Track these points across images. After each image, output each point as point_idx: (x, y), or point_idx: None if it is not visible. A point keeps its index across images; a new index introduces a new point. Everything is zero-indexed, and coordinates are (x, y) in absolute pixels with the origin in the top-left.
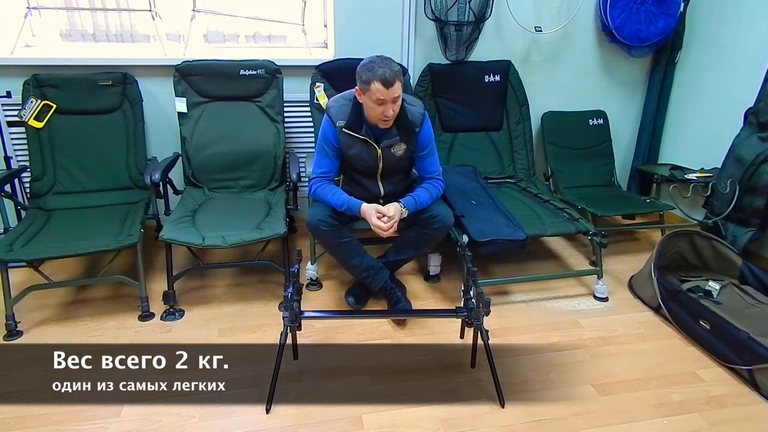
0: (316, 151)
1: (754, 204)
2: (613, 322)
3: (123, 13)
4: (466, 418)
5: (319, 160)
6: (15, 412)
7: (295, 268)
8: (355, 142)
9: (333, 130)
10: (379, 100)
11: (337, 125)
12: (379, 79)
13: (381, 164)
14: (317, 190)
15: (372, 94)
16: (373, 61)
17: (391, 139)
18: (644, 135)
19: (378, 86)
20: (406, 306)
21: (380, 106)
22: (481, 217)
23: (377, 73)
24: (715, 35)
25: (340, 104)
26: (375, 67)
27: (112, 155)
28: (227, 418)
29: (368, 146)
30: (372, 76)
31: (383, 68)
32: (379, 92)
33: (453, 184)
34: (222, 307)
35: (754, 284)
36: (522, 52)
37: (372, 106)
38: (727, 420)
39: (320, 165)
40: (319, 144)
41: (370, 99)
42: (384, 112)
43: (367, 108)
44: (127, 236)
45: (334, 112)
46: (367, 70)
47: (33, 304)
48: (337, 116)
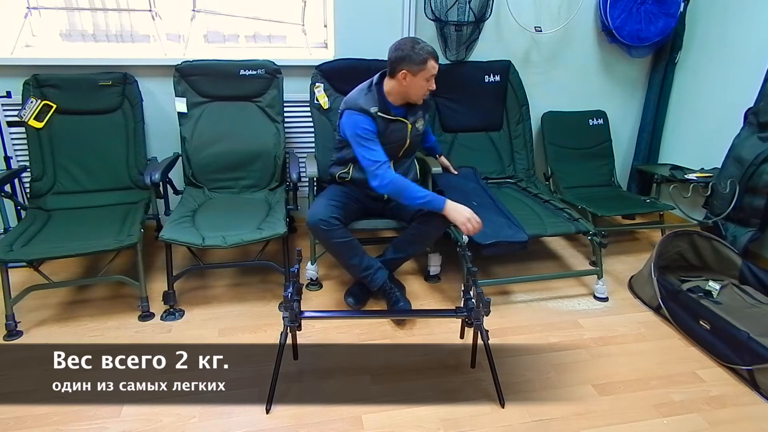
0: (359, 144)
1: (754, 204)
2: (613, 322)
3: (123, 13)
4: (466, 418)
5: (373, 150)
6: (15, 412)
7: (295, 268)
8: (388, 124)
9: (368, 119)
10: (431, 76)
11: (371, 111)
12: (434, 56)
13: (408, 140)
14: (395, 180)
15: (428, 71)
16: (416, 42)
17: (415, 115)
18: (644, 135)
19: (433, 63)
20: (406, 306)
21: (428, 81)
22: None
23: (430, 51)
24: (715, 35)
25: (363, 95)
26: (424, 46)
27: (112, 155)
28: (227, 418)
29: (400, 125)
30: (427, 55)
31: (428, 45)
32: (433, 68)
33: (453, 185)
34: (222, 307)
35: (754, 284)
36: (522, 52)
37: (422, 84)
38: (727, 420)
39: (377, 154)
40: (362, 137)
41: (422, 77)
42: (430, 87)
43: (415, 87)
44: (127, 236)
45: (362, 103)
46: (419, 50)
47: (33, 304)
48: (367, 105)
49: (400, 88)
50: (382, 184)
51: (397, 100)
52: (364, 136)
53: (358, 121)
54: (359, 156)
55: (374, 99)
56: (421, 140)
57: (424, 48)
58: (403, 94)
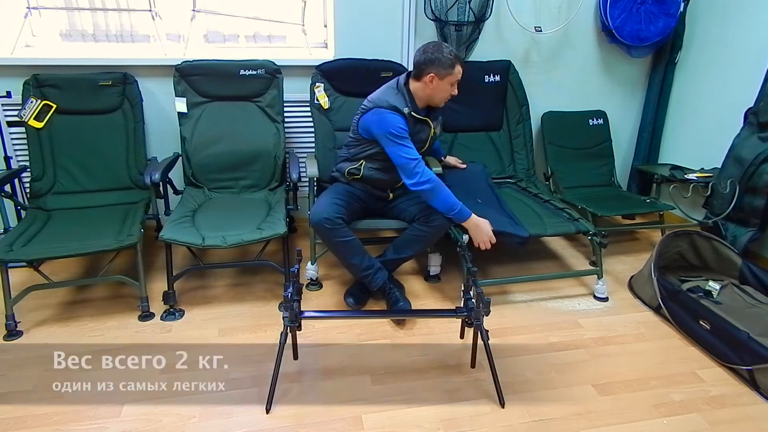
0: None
1: (754, 204)
2: (613, 322)
3: (123, 13)
4: (466, 418)
5: (409, 148)
6: (15, 412)
7: (295, 268)
8: (416, 125)
9: (402, 119)
10: (456, 81)
11: (404, 111)
12: (460, 61)
13: (428, 143)
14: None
15: (454, 76)
16: (444, 46)
17: (437, 119)
18: (644, 135)
19: (459, 68)
20: (406, 306)
21: (453, 86)
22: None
23: (457, 56)
24: (715, 35)
25: (393, 94)
26: (452, 50)
27: (112, 155)
28: (227, 418)
29: (424, 127)
30: (455, 60)
31: (454, 50)
32: (459, 73)
33: (460, 181)
34: (222, 307)
35: (754, 284)
36: (522, 52)
37: (446, 88)
38: (727, 420)
39: (413, 152)
40: (397, 135)
41: (448, 82)
42: (453, 91)
43: (440, 90)
44: (127, 236)
45: (395, 101)
46: (447, 54)
47: (33, 304)
48: (400, 105)
49: (425, 91)
50: (420, 181)
51: (421, 102)
52: (400, 135)
53: (392, 120)
54: (394, 155)
55: (405, 99)
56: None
57: (452, 52)
58: (427, 97)
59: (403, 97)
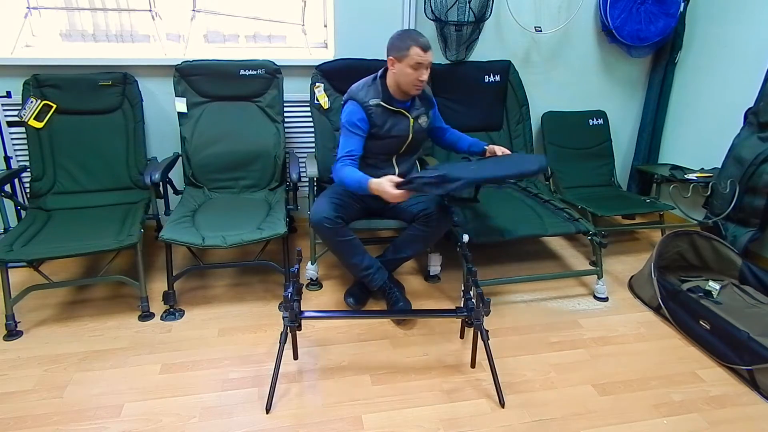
0: (341, 135)
1: (754, 204)
2: (613, 322)
3: (123, 13)
4: (466, 418)
5: (345, 142)
6: (15, 412)
7: (295, 268)
8: (390, 116)
9: (362, 113)
10: (417, 64)
11: (371, 103)
12: (418, 44)
13: (411, 135)
14: (338, 171)
15: (411, 59)
16: (407, 31)
17: (419, 110)
18: (644, 135)
19: (417, 50)
20: (406, 306)
21: (416, 71)
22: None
23: (416, 39)
24: (715, 35)
25: (365, 87)
26: (412, 35)
27: (112, 155)
28: (227, 418)
29: (401, 118)
30: (411, 42)
31: (419, 36)
32: (418, 56)
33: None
34: (222, 307)
35: (754, 284)
36: (522, 52)
37: (408, 71)
38: (727, 420)
39: (345, 146)
40: (344, 127)
41: (407, 65)
42: (419, 77)
43: (402, 75)
44: (127, 236)
45: (362, 95)
46: (404, 38)
47: (33, 304)
48: (368, 97)
49: (391, 77)
50: (333, 169)
51: (396, 92)
52: (350, 128)
53: (350, 111)
54: (340, 142)
55: (377, 91)
56: (424, 138)
57: (411, 36)
58: (396, 84)
59: (376, 89)
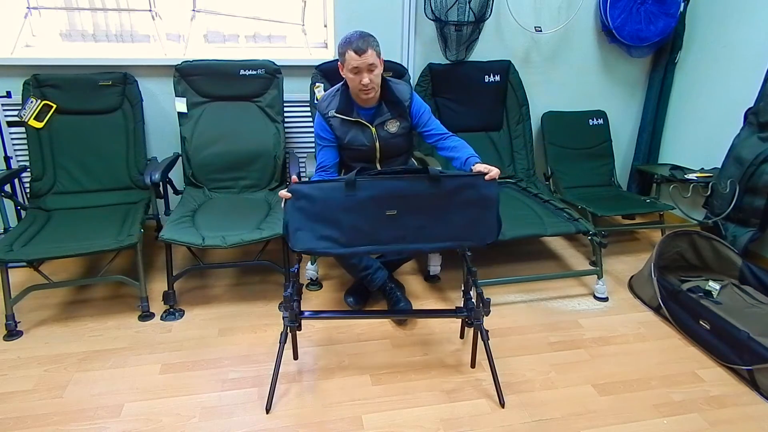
0: (316, 145)
1: (754, 204)
2: (613, 322)
3: (123, 13)
4: (466, 418)
5: (318, 155)
6: (15, 412)
7: (295, 268)
8: (350, 127)
9: (324, 123)
10: (355, 69)
11: (329, 114)
12: (352, 48)
13: (378, 144)
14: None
15: (348, 63)
16: (352, 33)
17: (383, 116)
18: (644, 135)
19: (351, 54)
20: (406, 306)
21: (356, 75)
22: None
23: (351, 42)
24: (715, 35)
25: (329, 97)
26: (351, 38)
27: (112, 155)
28: (227, 418)
29: (362, 127)
30: (346, 46)
31: (360, 37)
32: (353, 60)
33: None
34: (222, 307)
35: (754, 284)
36: (522, 52)
37: (351, 77)
38: (727, 420)
39: (318, 159)
40: (315, 141)
41: (347, 70)
42: (361, 80)
43: (348, 80)
44: (127, 236)
45: (323, 105)
46: (344, 42)
47: (33, 304)
48: (327, 107)
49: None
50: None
51: (359, 100)
52: (318, 140)
53: (316, 124)
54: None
55: (337, 101)
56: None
57: (349, 39)
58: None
59: (337, 99)
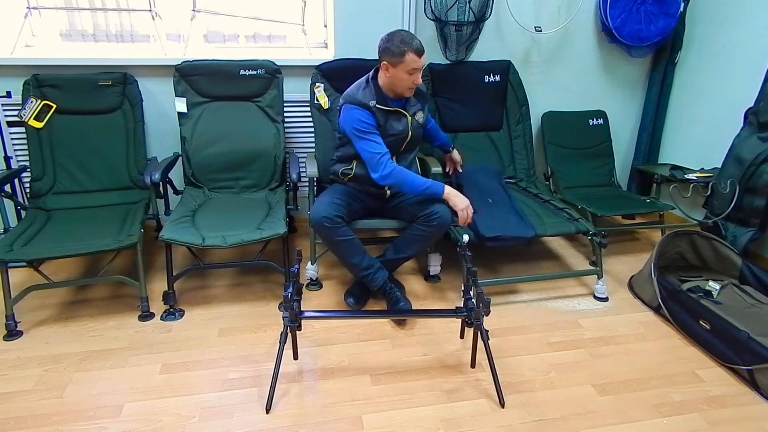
0: (359, 138)
1: (754, 204)
2: (613, 322)
3: (123, 13)
4: (466, 418)
5: (371, 145)
6: (15, 412)
7: (295, 268)
8: (387, 116)
9: (368, 113)
10: (413, 70)
11: (371, 105)
12: (414, 50)
13: (410, 132)
14: (395, 171)
15: (407, 64)
16: (400, 34)
17: (414, 107)
18: (644, 135)
19: (413, 56)
20: (406, 306)
21: (411, 75)
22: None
23: (411, 45)
24: (715, 35)
25: (360, 90)
26: (405, 39)
27: (112, 155)
28: (227, 418)
29: (399, 116)
30: (406, 48)
31: (414, 40)
32: (413, 61)
33: (474, 182)
34: (222, 307)
35: (754, 284)
36: (522, 52)
37: (404, 76)
38: (727, 420)
39: (378, 146)
40: (362, 130)
41: (403, 70)
42: (414, 80)
43: (397, 79)
44: (127, 236)
45: (360, 97)
46: (399, 43)
47: (33, 304)
48: (365, 99)
49: (385, 80)
50: (383, 175)
51: (390, 93)
52: (364, 130)
53: (357, 115)
54: (360, 150)
55: (372, 92)
56: (422, 133)
57: (405, 40)
58: (389, 86)
59: (371, 91)
